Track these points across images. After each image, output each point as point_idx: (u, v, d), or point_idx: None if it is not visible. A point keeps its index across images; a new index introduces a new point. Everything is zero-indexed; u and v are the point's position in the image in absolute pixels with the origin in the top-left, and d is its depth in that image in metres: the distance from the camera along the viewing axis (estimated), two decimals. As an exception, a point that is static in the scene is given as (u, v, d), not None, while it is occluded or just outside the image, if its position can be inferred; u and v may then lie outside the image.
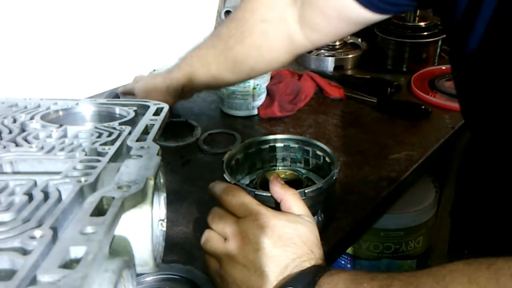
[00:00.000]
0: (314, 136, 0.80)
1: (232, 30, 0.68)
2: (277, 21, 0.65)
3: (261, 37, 0.66)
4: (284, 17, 0.64)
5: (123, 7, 0.98)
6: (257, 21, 0.65)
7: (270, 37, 0.66)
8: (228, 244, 0.45)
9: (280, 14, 0.64)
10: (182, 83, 0.72)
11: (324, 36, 0.65)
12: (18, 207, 0.27)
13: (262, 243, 0.43)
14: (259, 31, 0.66)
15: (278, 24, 0.65)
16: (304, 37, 0.65)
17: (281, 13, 0.64)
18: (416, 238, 1.08)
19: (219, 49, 0.69)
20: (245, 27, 0.66)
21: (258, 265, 0.43)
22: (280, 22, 0.65)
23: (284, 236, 0.44)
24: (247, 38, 0.66)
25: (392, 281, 0.37)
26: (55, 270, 0.22)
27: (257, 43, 0.66)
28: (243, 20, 0.67)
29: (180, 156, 0.78)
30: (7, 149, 0.34)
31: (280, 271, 0.42)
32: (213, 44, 0.71)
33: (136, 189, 0.29)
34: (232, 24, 0.69)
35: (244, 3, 0.68)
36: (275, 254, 0.43)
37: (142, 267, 0.34)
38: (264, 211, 0.45)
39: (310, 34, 0.64)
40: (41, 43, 0.87)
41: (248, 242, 0.44)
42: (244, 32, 0.66)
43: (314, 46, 0.69)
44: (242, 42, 0.66)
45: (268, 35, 0.65)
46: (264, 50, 0.67)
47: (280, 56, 0.68)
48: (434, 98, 0.94)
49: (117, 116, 0.45)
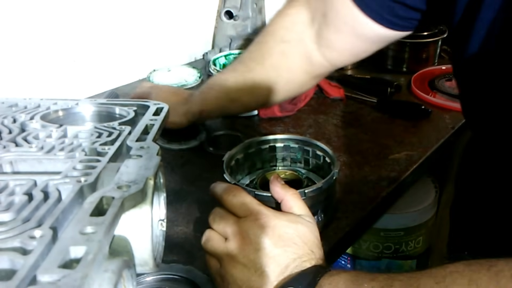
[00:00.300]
0: (314, 136, 0.80)
1: (253, 54, 0.69)
2: (295, 41, 0.66)
3: (280, 57, 0.66)
4: (302, 37, 0.65)
5: (123, 7, 0.98)
6: (277, 42, 0.67)
7: (289, 58, 0.66)
8: (229, 244, 0.45)
9: (299, 35, 0.65)
10: (200, 109, 0.73)
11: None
12: (18, 207, 0.27)
13: (262, 243, 0.43)
14: (278, 52, 0.66)
15: (297, 45, 0.66)
16: (322, 56, 0.65)
17: (300, 34, 0.65)
18: (416, 238, 1.08)
19: (239, 72, 0.70)
20: (265, 49, 0.67)
21: (258, 265, 0.43)
22: (299, 42, 0.65)
23: (284, 236, 0.44)
24: (267, 60, 0.67)
25: (393, 281, 0.37)
26: (55, 270, 0.22)
27: (276, 64, 0.67)
28: (264, 42, 0.68)
29: (180, 156, 0.78)
30: (7, 149, 0.34)
31: (280, 271, 0.42)
32: (235, 68, 0.72)
33: (136, 189, 0.29)
34: (254, 48, 0.70)
35: (267, 27, 0.69)
36: (275, 254, 0.43)
37: (142, 267, 0.34)
38: (264, 211, 0.45)
39: (327, 53, 0.65)
40: (41, 43, 0.87)
41: (248, 242, 0.44)
42: (264, 53, 0.67)
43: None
44: (262, 63, 0.67)
45: (287, 55, 0.66)
46: (283, 71, 0.67)
47: (299, 76, 0.68)
48: (434, 98, 0.94)
49: (117, 116, 0.45)
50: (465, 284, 0.33)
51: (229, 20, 1.09)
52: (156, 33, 1.06)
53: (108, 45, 0.98)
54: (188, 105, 0.74)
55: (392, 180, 0.70)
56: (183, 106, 0.74)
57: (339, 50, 0.64)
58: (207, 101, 0.72)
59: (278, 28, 0.67)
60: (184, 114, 0.74)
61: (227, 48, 1.06)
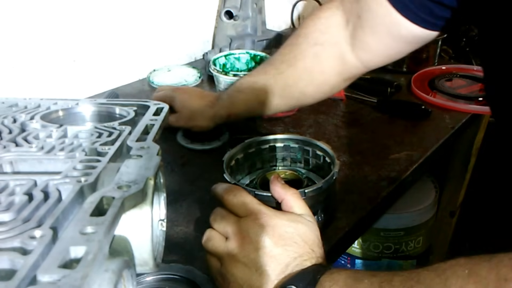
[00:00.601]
0: (314, 136, 0.80)
1: (285, 56, 0.69)
2: (329, 44, 0.65)
3: (313, 60, 0.66)
4: (336, 40, 0.65)
5: (123, 7, 0.98)
6: (310, 45, 0.66)
7: (323, 60, 0.66)
8: (229, 243, 0.45)
9: (333, 37, 0.65)
10: (228, 112, 0.73)
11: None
12: (18, 207, 0.27)
13: (263, 242, 0.43)
14: (312, 54, 0.66)
15: (331, 47, 0.65)
16: (356, 58, 0.65)
17: (334, 36, 0.65)
18: (416, 238, 1.08)
19: (270, 75, 0.70)
20: (297, 51, 0.67)
21: (259, 264, 0.43)
22: (333, 45, 0.65)
23: (285, 235, 0.44)
24: (299, 62, 0.67)
25: (393, 276, 0.37)
26: (55, 270, 0.22)
27: (309, 66, 0.67)
28: (296, 45, 0.68)
29: (180, 156, 0.78)
30: (7, 149, 0.34)
31: (281, 270, 0.42)
32: (265, 70, 0.71)
33: (136, 189, 0.29)
34: (285, 50, 0.69)
35: (299, 30, 0.69)
36: (276, 253, 0.43)
37: (142, 267, 0.34)
38: (265, 210, 0.45)
39: (362, 55, 0.65)
40: (41, 43, 0.87)
41: (249, 241, 0.44)
42: (297, 55, 0.67)
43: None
44: (294, 65, 0.67)
45: (320, 57, 0.66)
46: (315, 73, 0.67)
47: (332, 78, 0.68)
48: (434, 98, 0.94)
49: (117, 116, 0.45)
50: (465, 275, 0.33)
51: (229, 20, 1.09)
52: (156, 33, 1.06)
53: (108, 45, 0.98)
54: (215, 109, 0.74)
55: (392, 180, 0.70)
56: (210, 110, 0.74)
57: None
58: (235, 104, 0.73)
59: (312, 31, 0.67)
60: (211, 118, 0.74)
61: (227, 48, 1.06)
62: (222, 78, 0.87)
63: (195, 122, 0.76)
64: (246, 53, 0.98)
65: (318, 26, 0.67)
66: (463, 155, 1.12)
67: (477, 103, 0.93)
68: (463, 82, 1.02)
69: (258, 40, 1.10)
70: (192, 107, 0.76)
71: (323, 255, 0.45)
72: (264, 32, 1.14)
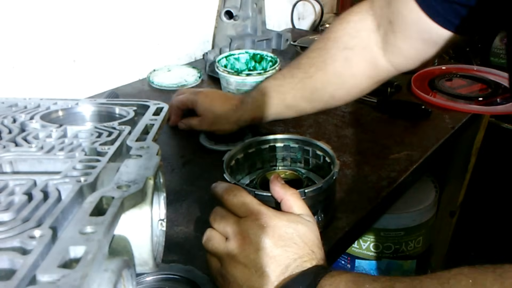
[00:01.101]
0: (314, 136, 0.80)
1: (313, 60, 0.69)
2: (360, 48, 0.66)
3: (344, 64, 0.66)
4: (367, 44, 0.65)
5: (123, 7, 0.98)
6: (340, 49, 0.66)
7: (353, 64, 0.66)
8: (229, 243, 0.45)
9: (363, 41, 0.65)
10: (253, 116, 0.73)
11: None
12: (18, 207, 0.27)
13: (263, 243, 0.43)
14: (342, 58, 0.66)
15: (361, 51, 0.66)
16: (388, 62, 0.66)
17: (364, 40, 0.65)
18: (416, 238, 1.08)
19: (298, 78, 0.70)
20: (327, 55, 0.67)
21: (259, 265, 0.43)
22: (364, 49, 0.65)
23: (285, 236, 0.44)
24: (329, 66, 0.67)
25: (395, 283, 0.37)
26: (55, 269, 0.22)
27: (339, 70, 0.67)
28: (325, 49, 0.68)
29: (180, 156, 0.78)
30: (6, 149, 0.34)
31: (281, 271, 0.42)
32: (292, 73, 0.71)
33: (135, 189, 0.29)
34: (314, 54, 0.69)
35: (327, 34, 0.69)
36: (276, 254, 0.43)
37: (141, 267, 0.34)
38: (265, 210, 0.45)
39: (393, 59, 0.65)
40: (41, 43, 0.87)
41: (249, 242, 0.44)
42: (327, 60, 0.67)
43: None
44: (324, 69, 0.67)
45: (351, 61, 0.66)
46: (346, 77, 0.67)
47: (362, 82, 0.68)
48: (434, 98, 0.94)
49: (117, 116, 0.45)
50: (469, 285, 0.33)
51: (229, 20, 1.09)
52: (156, 33, 1.06)
53: (108, 45, 0.98)
54: (239, 113, 0.74)
55: (392, 180, 0.70)
56: (234, 114, 0.74)
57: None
58: (260, 108, 0.73)
59: (341, 34, 0.67)
60: (235, 122, 0.75)
61: (227, 48, 1.06)
62: (234, 79, 0.87)
63: (219, 126, 0.77)
64: (246, 52, 0.98)
65: (348, 30, 0.67)
66: (463, 155, 1.12)
67: (477, 103, 0.93)
68: (463, 82, 1.02)
69: (258, 40, 1.10)
70: (216, 111, 0.76)
71: (324, 256, 0.45)
72: (264, 32, 1.14)
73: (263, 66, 0.97)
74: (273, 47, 1.18)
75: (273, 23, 1.37)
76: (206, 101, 0.78)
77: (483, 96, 0.95)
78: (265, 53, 0.97)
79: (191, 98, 0.79)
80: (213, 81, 1.04)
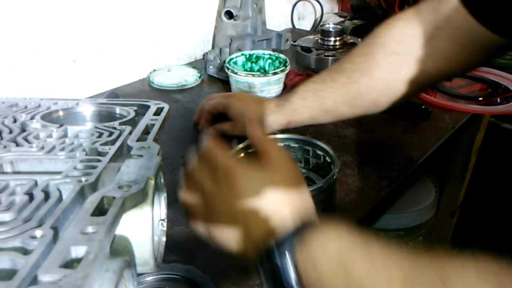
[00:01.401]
0: (314, 136, 0.80)
1: (358, 65, 0.68)
2: (406, 53, 0.65)
3: (391, 69, 0.66)
4: (413, 49, 0.64)
5: (123, 7, 0.98)
6: (387, 54, 0.66)
7: (400, 69, 0.66)
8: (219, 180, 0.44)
9: (410, 47, 0.65)
10: (289, 120, 0.72)
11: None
12: (19, 207, 0.27)
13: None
14: (388, 64, 0.66)
15: (408, 57, 0.65)
16: (435, 68, 0.65)
17: (411, 46, 0.65)
18: (416, 238, 1.08)
19: (341, 83, 0.69)
20: (373, 61, 0.67)
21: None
22: (410, 54, 0.65)
23: None
24: (375, 71, 0.67)
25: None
26: (56, 269, 0.22)
27: (385, 75, 0.66)
28: (371, 54, 0.67)
29: (181, 156, 0.78)
30: (7, 149, 0.34)
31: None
32: (333, 78, 0.70)
33: (136, 189, 0.29)
34: (359, 59, 0.69)
35: (372, 39, 0.69)
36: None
37: (142, 266, 0.34)
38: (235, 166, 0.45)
39: (441, 64, 0.64)
40: (41, 43, 0.87)
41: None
42: (373, 65, 0.67)
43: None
44: (369, 74, 0.67)
45: (397, 67, 0.66)
46: (392, 82, 0.67)
47: (408, 87, 0.67)
48: (434, 98, 0.94)
49: (118, 116, 0.45)
50: None
51: (229, 20, 1.09)
52: (156, 33, 1.06)
53: (108, 45, 0.98)
54: (274, 116, 0.73)
55: (392, 180, 0.70)
56: (268, 117, 0.74)
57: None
58: (297, 111, 0.72)
59: (387, 40, 0.67)
60: (269, 126, 0.74)
61: (227, 48, 1.06)
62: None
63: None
64: (242, 55, 0.98)
65: (394, 35, 0.67)
66: (463, 155, 1.12)
67: (477, 103, 0.93)
68: (463, 82, 1.02)
69: (258, 40, 1.10)
70: (249, 115, 0.75)
71: None
72: (264, 32, 1.14)
73: (260, 65, 0.97)
74: (273, 47, 1.18)
75: (273, 23, 1.37)
76: (239, 105, 0.76)
77: (483, 96, 0.95)
78: (263, 52, 0.97)
79: (223, 102, 0.78)
80: (214, 81, 1.04)
